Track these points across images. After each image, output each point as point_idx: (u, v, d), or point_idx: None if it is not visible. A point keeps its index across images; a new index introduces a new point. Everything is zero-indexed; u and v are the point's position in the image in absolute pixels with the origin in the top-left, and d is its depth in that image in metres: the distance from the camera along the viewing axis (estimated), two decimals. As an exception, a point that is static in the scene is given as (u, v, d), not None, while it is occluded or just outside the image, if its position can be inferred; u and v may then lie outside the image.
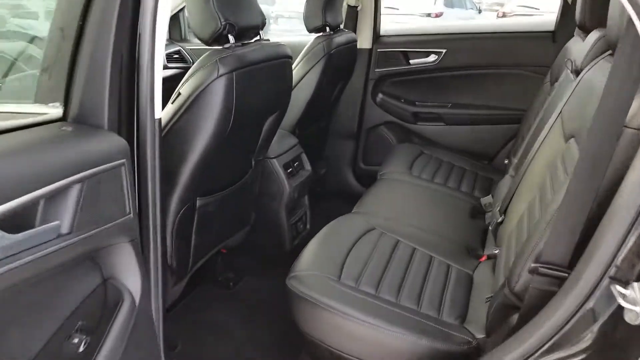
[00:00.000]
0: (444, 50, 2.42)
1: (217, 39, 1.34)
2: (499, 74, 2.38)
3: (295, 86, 2.01)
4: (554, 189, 1.15)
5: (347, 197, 2.69)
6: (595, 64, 1.30)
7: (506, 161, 2.19)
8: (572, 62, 1.53)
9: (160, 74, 1.07)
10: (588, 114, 1.14)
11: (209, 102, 1.27)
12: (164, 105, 1.28)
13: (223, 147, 1.37)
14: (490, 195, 1.86)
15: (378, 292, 1.29)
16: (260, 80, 1.42)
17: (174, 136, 1.28)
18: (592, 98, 1.17)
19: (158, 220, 1.08)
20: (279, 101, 1.62)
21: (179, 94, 1.28)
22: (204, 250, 1.60)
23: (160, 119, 1.08)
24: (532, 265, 0.96)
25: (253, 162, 1.70)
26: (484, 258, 1.57)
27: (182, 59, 2.64)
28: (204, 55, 1.32)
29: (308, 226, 2.10)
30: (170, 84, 1.36)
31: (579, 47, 1.73)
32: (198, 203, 1.43)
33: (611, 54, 1.28)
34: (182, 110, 1.27)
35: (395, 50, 2.52)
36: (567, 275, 0.92)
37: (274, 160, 1.85)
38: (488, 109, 2.43)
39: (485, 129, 2.44)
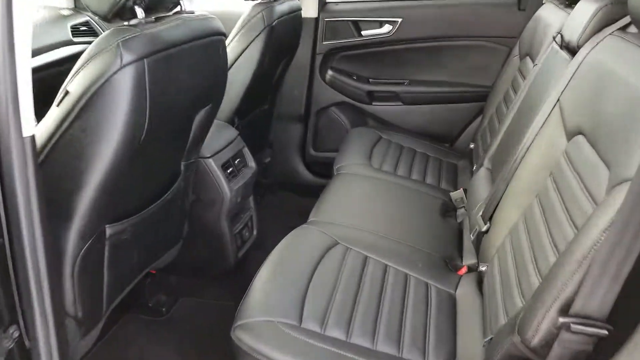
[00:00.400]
0: (399, 20, 2.14)
1: (119, 12, 0.98)
2: (460, 46, 2.14)
3: (230, 67, 1.67)
4: (563, 198, 0.92)
5: (296, 188, 2.41)
6: (600, 41, 1.07)
7: (472, 145, 1.98)
8: (561, 37, 1.30)
9: (27, 68, 0.73)
10: (604, 108, 0.91)
11: (111, 102, 0.92)
12: (42, 110, 0.92)
13: (137, 158, 1.03)
14: (461, 190, 1.64)
15: (349, 336, 1.03)
16: (184, 66, 1.08)
17: (62, 152, 0.93)
18: (607, 87, 0.93)
19: (43, 270, 0.76)
20: (212, 90, 1.28)
21: (67, 92, 0.92)
22: (121, 285, 1.27)
23: (33, 136, 0.74)
24: (562, 320, 0.72)
25: (182, 166, 1.37)
26: (463, 270, 1.34)
27: (92, 32, 2.19)
28: (101, 36, 0.96)
29: (255, 232, 1.80)
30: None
31: (560, 17, 1.50)
32: (108, 232, 1.09)
33: (621, 29, 1.05)
34: (72, 116, 0.91)
35: (345, 20, 2.20)
36: (607, 332, 0.70)
37: (210, 160, 1.51)
38: (449, 86, 2.20)
39: (446, 109, 2.21)
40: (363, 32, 2.22)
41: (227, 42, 1.71)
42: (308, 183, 2.39)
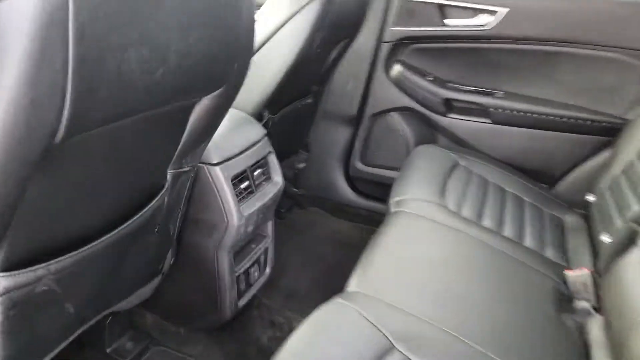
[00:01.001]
0: (504, 10, 1.58)
1: None
2: (585, 56, 1.56)
3: (266, 41, 1.17)
4: None
5: (332, 207, 1.90)
6: None
7: (590, 197, 1.42)
8: None
9: None
10: None
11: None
12: None
13: (58, 167, 0.54)
14: (586, 273, 1.09)
15: None
16: (166, 7, 0.58)
17: None
18: None
19: None
20: (226, 65, 0.78)
21: None
22: (50, 346, 0.80)
23: None
24: None
25: (169, 175, 0.88)
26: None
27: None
28: None
29: (268, 270, 1.30)
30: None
31: None
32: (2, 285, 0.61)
33: None
34: None
35: (427, 1, 1.67)
36: None
37: (216, 169, 1.02)
38: (561, 108, 1.61)
39: (552, 138, 1.63)
40: (449, 21, 1.67)
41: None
42: (348, 203, 1.88)
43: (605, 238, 1.19)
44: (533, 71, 1.64)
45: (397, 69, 1.75)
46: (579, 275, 1.07)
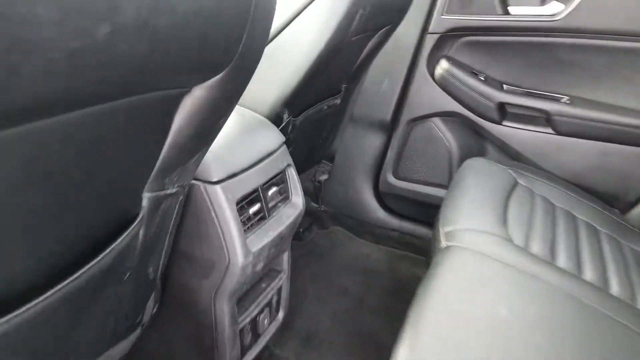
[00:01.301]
0: (579, -3, 1.29)
1: None
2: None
3: (289, 22, 0.90)
4: None
5: (358, 227, 1.64)
6: None
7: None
8: None
9: None
10: None
11: None
12: None
13: None
14: None
15: None
16: None
17: None
18: None
19: None
20: (226, 44, 0.50)
21: None
22: None
23: None
24: None
25: (147, 200, 0.61)
26: None
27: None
28: None
29: (281, 314, 1.02)
30: None
31: None
32: None
33: None
34: None
35: (484, -14, 1.39)
36: None
37: (216, 188, 0.75)
38: (639, 117, 1.32)
39: (627, 153, 1.34)
40: (512, 9, 1.39)
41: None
42: (376, 223, 1.60)
43: None
44: (609, 72, 1.34)
45: (443, 65, 1.46)
46: None
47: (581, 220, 1.17)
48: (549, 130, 1.39)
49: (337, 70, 1.22)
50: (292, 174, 0.92)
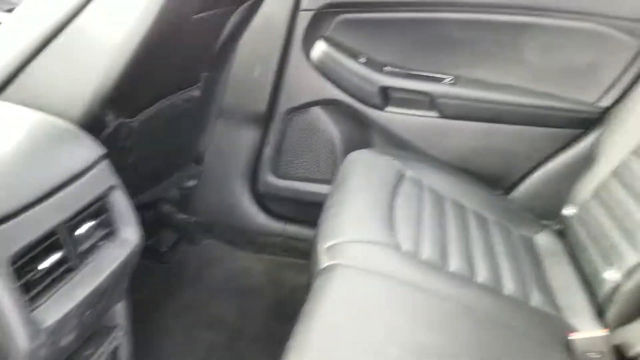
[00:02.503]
0: (459, -33, 1.18)
1: None
2: (559, 29, 1.20)
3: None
4: None
5: (235, 238, 1.41)
6: None
7: (569, 210, 1.08)
8: None
9: None
10: None
11: None
12: None
13: None
14: (595, 334, 0.77)
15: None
16: None
17: None
18: None
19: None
20: None
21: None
22: None
23: None
24: None
25: None
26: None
27: None
28: None
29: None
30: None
31: None
32: None
33: None
34: None
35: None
36: None
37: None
38: (523, 95, 1.25)
39: (511, 132, 1.27)
40: (388, -18, 1.25)
41: None
42: (257, 229, 1.40)
43: (612, 275, 0.88)
44: (492, 50, 1.25)
45: (320, 47, 1.28)
46: (589, 339, 0.73)
47: (470, 211, 1.10)
48: (434, 113, 1.28)
49: (186, 57, 0.98)
50: (118, 198, 0.68)
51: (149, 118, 0.90)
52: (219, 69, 1.19)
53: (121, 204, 0.68)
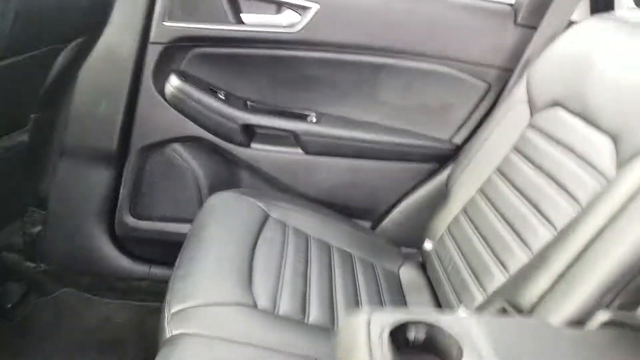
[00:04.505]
0: (314, 7, 1.16)
1: None
2: (414, 70, 1.23)
3: None
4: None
5: (95, 286, 1.29)
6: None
7: (427, 245, 1.12)
8: None
9: None
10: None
11: None
12: None
13: None
14: None
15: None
16: None
17: None
18: None
19: None
20: None
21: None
22: None
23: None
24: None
25: None
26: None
27: None
28: None
29: None
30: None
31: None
32: None
33: None
34: None
35: (212, -12, 1.16)
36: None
37: None
38: (384, 133, 1.27)
39: (375, 167, 1.30)
40: (245, 16, 1.19)
41: None
42: (120, 275, 1.30)
43: (463, 313, 0.92)
44: (353, 88, 1.26)
45: (173, 82, 1.20)
46: None
47: (336, 248, 1.09)
48: (299, 150, 1.27)
49: (4, 102, 0.86)
50: None
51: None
52: (51, 108, 1.07)
53: None
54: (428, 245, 1.13)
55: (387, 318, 0.52)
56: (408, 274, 1.16)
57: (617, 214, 0.68)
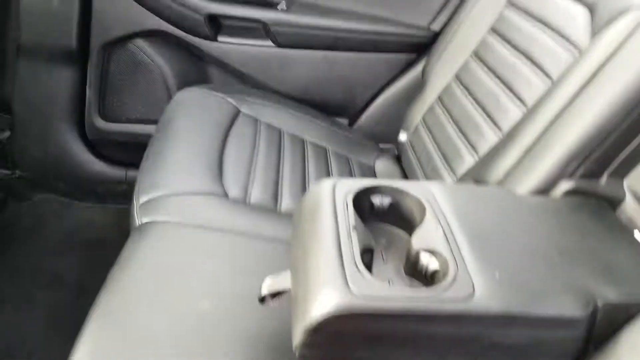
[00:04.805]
0: None
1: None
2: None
3: None
4: None
5: (72, 190, 1.29)
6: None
7: (402, 136, 1.12)
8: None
9: None
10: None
11: None
12: None
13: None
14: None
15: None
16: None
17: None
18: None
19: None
20: None
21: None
22: None
23: None
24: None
25: None
26: None
27: None
28: None
29: None
30: None
31: None
32: None
33: None
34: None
35: None
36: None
37: None
38: (359, 21, 1.21)
39: (352, 59, 1.25)
40: None
41: None
42: (97, 179, 1.29)
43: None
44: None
45: (130, -30, 1.11)
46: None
47: (310, 143, 1.08)
48: (269, 43, 1.21)
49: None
50: None
51: None
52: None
53: None
54: (403, 136, 1.13)
55: (353, 183, 0.53)
56: (383, 166, 1.16)
57: (586, 82, 0.66)
